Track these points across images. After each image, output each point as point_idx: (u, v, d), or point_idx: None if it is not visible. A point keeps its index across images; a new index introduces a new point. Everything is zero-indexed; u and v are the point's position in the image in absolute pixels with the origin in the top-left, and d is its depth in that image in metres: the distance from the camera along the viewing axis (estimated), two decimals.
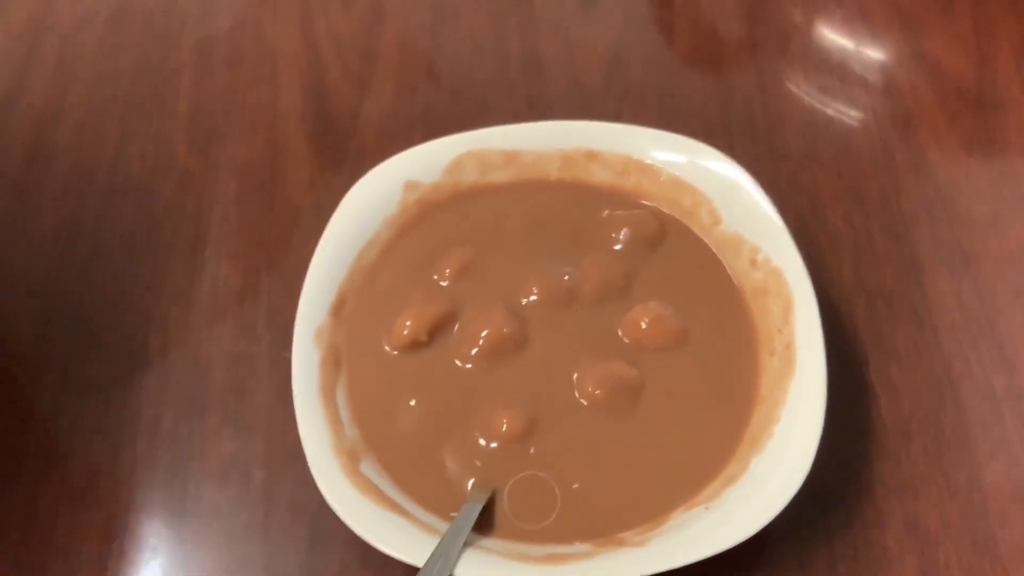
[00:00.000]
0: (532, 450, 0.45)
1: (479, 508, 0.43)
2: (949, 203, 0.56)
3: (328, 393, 0.46)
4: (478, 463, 0.45)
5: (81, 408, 0.51)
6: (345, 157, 0.59)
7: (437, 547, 0.40)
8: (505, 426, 0.45)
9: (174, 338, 0.53)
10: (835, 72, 0.62)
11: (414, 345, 0.48)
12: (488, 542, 0.42)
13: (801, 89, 0.61)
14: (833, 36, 0.64)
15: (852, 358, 0.51)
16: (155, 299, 0.54)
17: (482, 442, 0.45)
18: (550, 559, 0.41)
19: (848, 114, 0.60)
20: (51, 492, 0.48)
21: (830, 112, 0.60)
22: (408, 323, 0.47)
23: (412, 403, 0.46)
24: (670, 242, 0.51)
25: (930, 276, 0.54)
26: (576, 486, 0.44)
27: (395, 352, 0.48)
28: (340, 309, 0.48)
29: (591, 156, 0.52)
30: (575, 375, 0.47)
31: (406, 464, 0.45)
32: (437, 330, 0.48)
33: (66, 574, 0.46)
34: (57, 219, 0.57)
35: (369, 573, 0.45)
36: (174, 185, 0.58)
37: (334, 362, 0.47)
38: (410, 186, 0.51)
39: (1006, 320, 0.52)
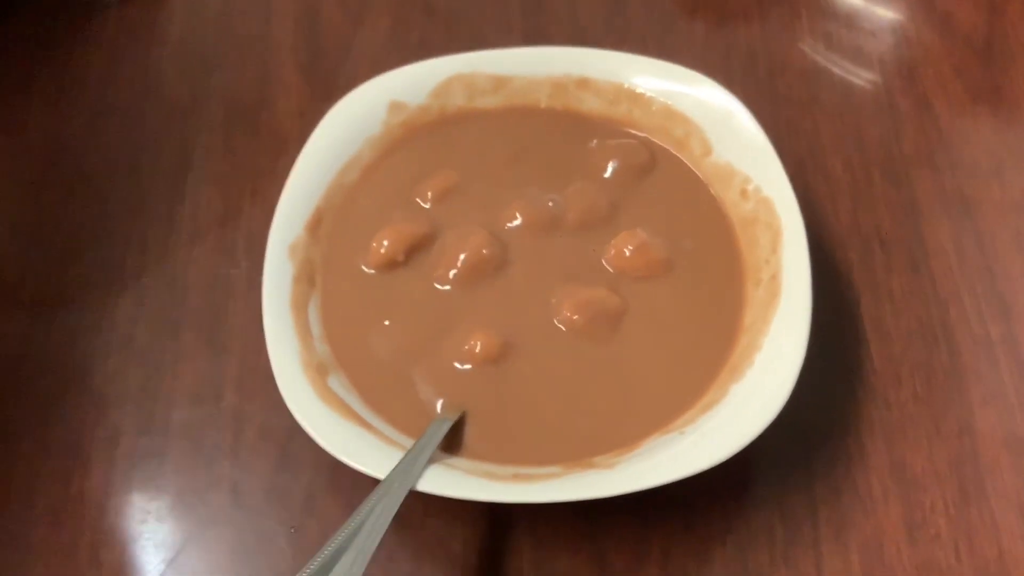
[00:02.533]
0: (505, 372, 0.43)
1: (447, 426, 0.42)
2: (952, 151, 0.55)
3: (300, 307, 0.45)
4: (448, 384, 0.43)
5: (55, 324, 0.50)
6: (335, 88, 0.57)
7: (400, 461, 0.39)
8: (479, 348, 0.44)
9: (152, 259, 0.52)
10: (841, 21, 0.61)
11: (391, 264, 0.46)
12: (455, 460, 0.41)
13: (805, 37, 0.60)
14: None
15: (845, 301, 0.50)
16: (135, 220, 0.53)
17: (455, 364, 0.44)
18: (516, 478, 0.40)
19: (853, 62, 0.59)
20: (21, 406, 0.47)
21: (835, 60, 0.59)
22: (385, 242, 0.46)
23: (386, 323, 0.45)
24: (659, 172, 0.49)
25: (929, 222, 0.52)
26: (549, 410, 0.43)
27: (372, 271, 0.47)
28: (317, 226, 0.47)
29: (582, 84, 0.51)
30: (554, 300, 0.45)
31: (376, 382, 0.44)
32: (415, 250, 0.47)
33: (29, 487, 0.45)
34: (42, 139, 0.56)
35: (336, 497, 0.45)
36: (161, 110, 0.57)
37: (308, 278, 0.46)
38: (395, 107, 0.50)
39: (1004, 267, 0.51)
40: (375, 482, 0.39)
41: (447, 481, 0.39)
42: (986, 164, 0.54)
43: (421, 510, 0.44)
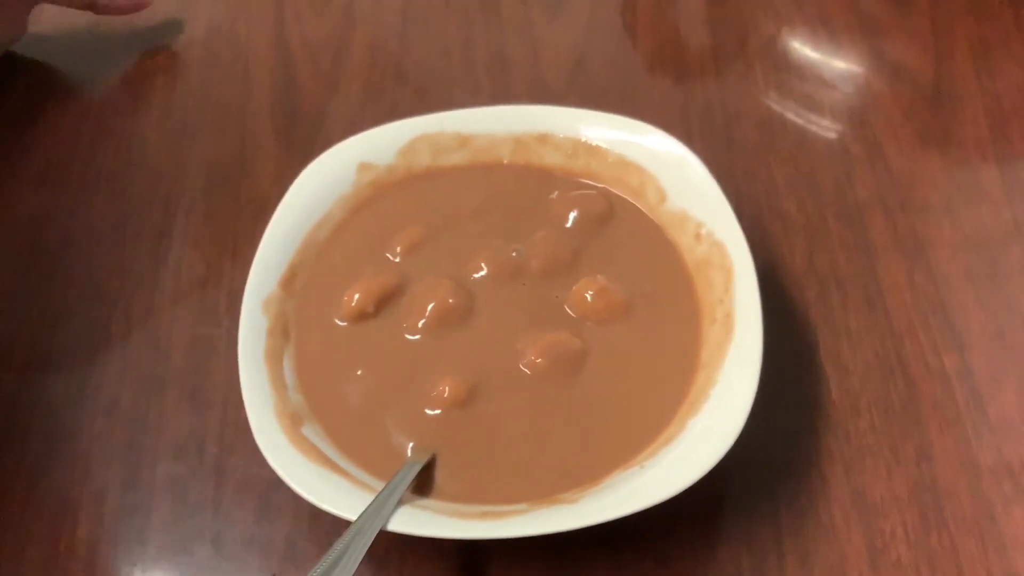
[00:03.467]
0: (473, 416, 0.45)
1: (418, 468, 0.43)
2: (903, 191, 0.57)
3: (274, 359, 0.46)
4: (419, 429, 0.45)
5: (43, 387, 0.52)
6: (312, 152, 0.59)
7: (371, 503, 0.41)
8: (447, 393, 0.45)
9: (136, 321, 0.54)
10: (793, 71, 0.63)
11: (361, 316, 0.48)
12: (425, 501, 0.43)
13: (760, 88, 0.63)
14: (793, 38, 0.65)
15: (803, 338, 0.51)
16: (120, 284, 0.55)
17: (425, 409, 0.46)
18: (484, 516, 0.42)
19: (806, 110, 0.61)
20: (11, 465, 0.49)
21: (788, 108, 0.62)
22: (356, 295, 0.48)
23: (358, 372, 0.47)
24: (618, 220, 0.52)
25: (883, 260, 0.54)
26: (516, 451, 0.44)
27: (344, 323, 0.49)
28: (291, 282, 0.49)
29: (542, 139, 0.53)
30: (519, 345, 0.47)
31: (349, 430, 0.45)
32: (385, 302, 0.49)
33: (20, 543, 0.47)
34: (31, 209, 0.58)
35: (315, 545, 0.46)
36: (144, 177, 0.60)
37: (282, 331, 0.48)
38: (364, 168, 0.53)
39: (958, 301, 0.52)
40: None
41: (416, 520, 0.41)
42: (936, 203, 0.57)
43: (398, 553, 0.45)
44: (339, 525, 0.42)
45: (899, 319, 0.52)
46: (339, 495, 0.42)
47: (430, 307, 0.48)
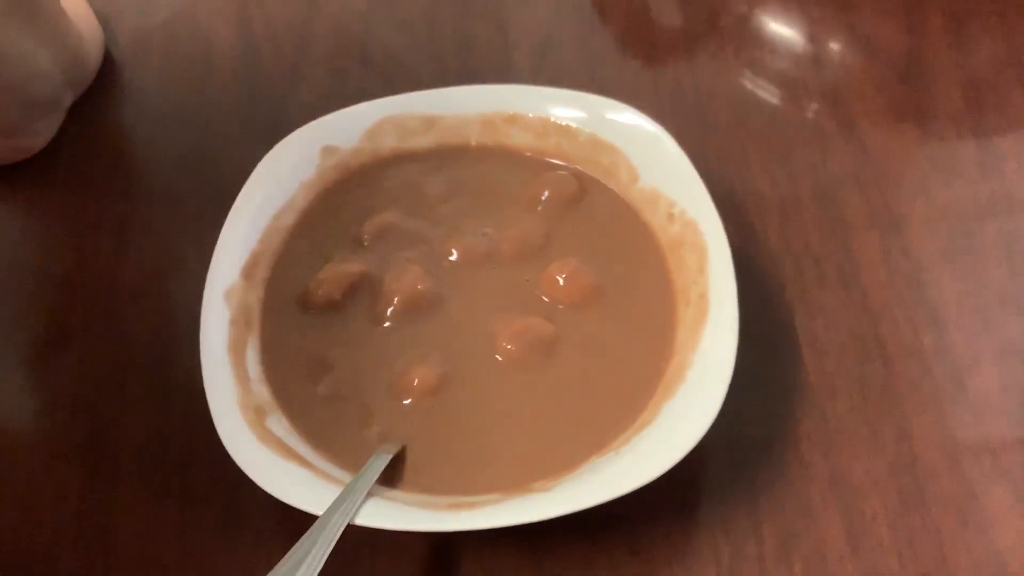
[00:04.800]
0: (444, 404, 0.44)
1: (386, 460, 0.42)
2: (878, 168, 0.56)
3: (237, 351, 0.45)
4: (389, 419, 0.44)
5: (1, 382, 0.50)
6: (276, 139, 0.58)
7: (338, 497, 0.40)
8: (417, 382, 0.45)
9: (97, 314, 0.52)
10: (766, 48, 0.62)
11: (329, 305, 0.47)
12: (395, 493, 0.42)
13: (732, 66, 0.62)
14: (764, 15, 0.64)
15: (778, 317, 0.51)
16: (80, 276, 0.54)
17: (395, 399, 0.45)
18: (455, 507, 0.41)
19: (778, 87, 0.61)
20: None
21: (760, 85, 0.61)
22: (323, 283, 0.47)
23: (326, 362, 0.46)
24: (589, 201, 0.51)
25: (858, 238, 0.53)
26: (488, 439, 0.43)
27: (310, 312, 0.47)
28: (253, 271, 0.48)
29: (510, 120, 0.52)
30: (490, 332, 0.46)
31: (316, 422, 0.44)
32: (353, 290, 0.48)
33: None
34: None
35: (284, 541, 0.44)
36: (105, 166, 0.58)
37: (245, 322, 0.46)
38: (328, 152, 0.51)
39: (934, 278, 0.52)
40: None
41: (385, 514, 0.40)
42: (911, 179, 0.56)
43: (369, 548, 0.44)
44: (308, 520, 0.40)
45: (875, 297, 0.51)
46: (305, 490, 0.40)
47: (399, 294, 0.47)
